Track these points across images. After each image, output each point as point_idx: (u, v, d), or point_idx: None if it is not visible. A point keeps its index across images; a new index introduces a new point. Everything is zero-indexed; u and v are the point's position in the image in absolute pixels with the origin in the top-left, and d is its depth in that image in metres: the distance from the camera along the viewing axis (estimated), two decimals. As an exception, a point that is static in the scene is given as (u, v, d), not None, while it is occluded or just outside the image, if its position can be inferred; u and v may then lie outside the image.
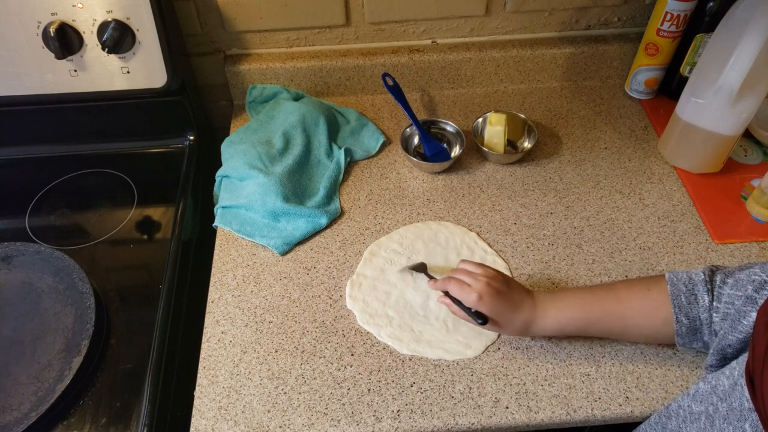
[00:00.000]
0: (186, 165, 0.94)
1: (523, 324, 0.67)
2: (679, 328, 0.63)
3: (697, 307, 0.62)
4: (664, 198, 0.88)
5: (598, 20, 1.02)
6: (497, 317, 0.66)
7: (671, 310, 0.63)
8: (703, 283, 0.62)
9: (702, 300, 0.62)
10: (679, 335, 0.63)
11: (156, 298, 0.76)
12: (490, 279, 0.67)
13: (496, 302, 0.65)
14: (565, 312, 0.67)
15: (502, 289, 0.66)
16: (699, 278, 0.63)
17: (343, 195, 0.89)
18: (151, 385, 0.68)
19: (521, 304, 0.67)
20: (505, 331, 0.68)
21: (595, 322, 0.66)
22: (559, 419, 0.65)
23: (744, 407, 0.47)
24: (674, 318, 0.63)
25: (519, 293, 0.68)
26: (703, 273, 0.63)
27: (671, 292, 0.63)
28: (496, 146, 0.92)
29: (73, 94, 0.87)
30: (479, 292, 0.65)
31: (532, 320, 0.67)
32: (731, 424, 0.48)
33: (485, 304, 0.65)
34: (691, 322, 0.62)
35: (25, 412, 0.65)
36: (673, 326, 0.63)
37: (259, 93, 1.02)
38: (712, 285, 0.62)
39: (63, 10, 0.80)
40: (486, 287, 0.66)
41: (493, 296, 0.65)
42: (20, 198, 0.90)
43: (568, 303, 0.67)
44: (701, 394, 0.54)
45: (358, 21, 0.98)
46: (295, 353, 0.71)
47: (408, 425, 0.64)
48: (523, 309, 0.67)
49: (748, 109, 0.79)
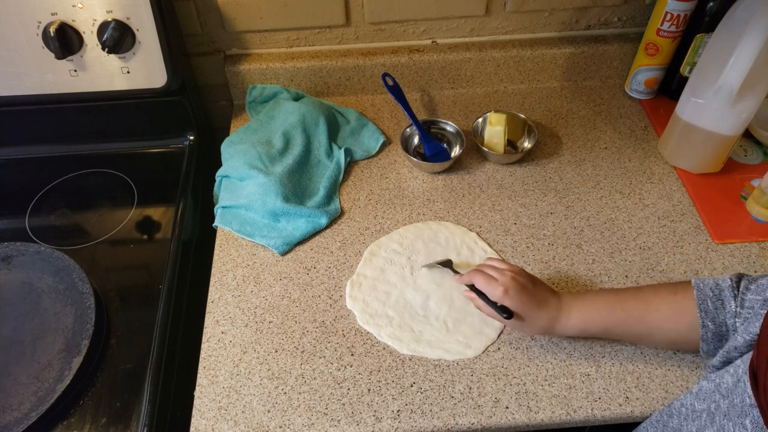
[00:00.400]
0: (186, 165, 0.94)
1: (547, 322, 0.66)
2: (704, 333, 0.62)
3: (723, 313, 0.61)
4: (664, 198, 0.88)
5: (598, 20, 1.02)
6: (522, 312, 0.65)
7: (697, 314, 0.62)
8: (729, 288, 0.62)
9: (729, 305, 0.61)
10: (704, 341, 0.63)
11: (156, 298, 0.76)
12: (516, 274, 0.67)
13: (521, 297, 0.65)
14: (590, 312, 0.66)
15: (527, 285, 0.66)
16: (726, 284, 0.62)
17: (343, 195, 0.89)
18: (151, 385, 0.68)
19: (546, 301, 0.67)
20: (528, 328, 0.68)
21: (620, 324, 0.66)
22: (559, 419, 0.65)
23: (745, 403, 0.47)
24: (700, 323, 0.62)
25: (544, 291, 0.68)
26: (730, 279, 0.63)
27: (697, 296, 0.63)
28: (496, 146, 0.92)
29: (73, 94, 0.87)
30: (505, 285, 0.65)
31: (556, 319, 0.66)
32: (731, 420, 0.48)
33: (510, 299, 0.65)
34: (717, 327, 0.62)
35: (25, 412, 0.65)
36: (698, 331, 0.62)
37: (259, 93, 1.02)
38: (738, 291, 0.61)
39: (63, 10, 0.80)
40: (512, 281, 0.66)
41: (519, 291, 0.65)
42: (20, 198, 0.90)
43: (593, 304, 0.67)
44: (704, 392, 0.54)
45: (358, 21, 0.98)
46: (295, 353, 0.71)
47: (408, 425, 0.64)
48: (547, 307, 0.66)
49: (748, 109, 0.79)
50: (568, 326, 0.66)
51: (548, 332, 0.68)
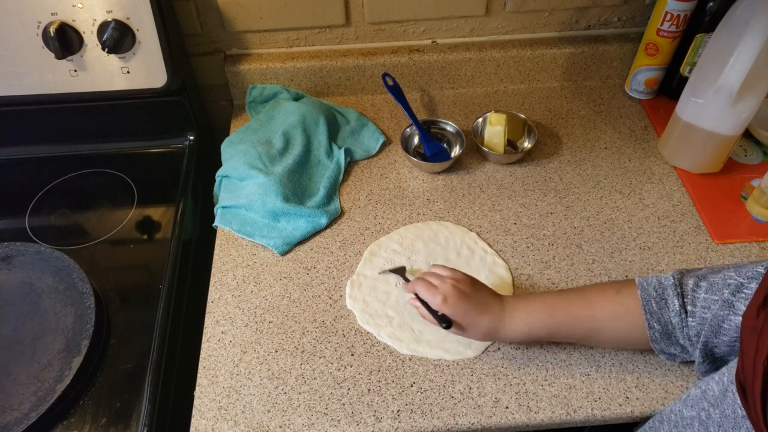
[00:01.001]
0: (186, 165, 0.94)
1: (489, 327, 0.65)
2: (652, 334, 0.62)
3: (668, 312, 0.61)
4: (664, 198, 0.88)
5: (598, 20, 1.02)
6: (461, 320, 0.65)
7: (642, 315, 0.62)
8: (672, 287, 0.61)
9: (672, 304, 0.61)
10: (653, 340, 0.63)
11: (156, 298, 0.76)
12: (456, 281, 0.66)
13: (460, 304, 0.64)
14: (533, 315, 0.65)
15: (467, 291, 0.66)
16: (668, 282, 0.62)
17: (343, 195, 0.89)
18: (151, 385, 0.68)
19: (487, 307, 0.66)
20: (470, 335, 0.67)
21: (563, 325, 0.65)
22: (559, 419, 0.65)
23: (738, 415, 0.47)
24: (646, 324, 0.62)
25: (486, 296, 0.67)
26: (672, 277, 0.62)
27: (642, 297, 0.63)
28: (496, 146, 0.92)
29: (73, 94, 0.87)
30: (444, 294, 0.65)
31: (500, 324, 0.65)
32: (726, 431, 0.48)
33: (449, 307, 0.64)
34: (663, 326, 0.62)
35: (25, 412, 0.65)
36: (645, 331, 0.62)
37: (259, 93, 1.02)
38: (682, 289, 0.61)
39: (63, 10, 0.80)
40: (451, 289, 0.65)
41: (458, 298, 0.64)
42: (20, 198, 0.90)
43: (537, 306, 0.66)
44: (692, 399, 0.53)
45: (358, 21, 0.98)
46: (295, 353, 0.71)
47: (408, 425, 0.64)
48: (489, 312, 0.65)
49: (748, 109, 0.79)
50: (512, 329, 0.65)
51: (492, 337, 0.67)
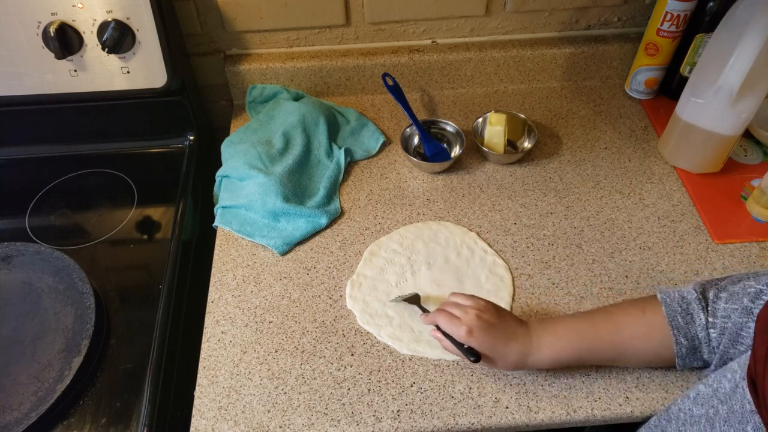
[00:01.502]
0: (186, 165, 0.94)
1: (519, 357, 0.63)
2: (678, 350, 0.62)
3: (694, 327, 0.61)
4: (664, 198, 0.88)
5: (598, 20, 1.02)
6: (490, 352, 0.63)
7: (669, 331, 0.61)
8: (696, 301, 0.61)
9: (698, 319, 0.61)
10: (679, 357, 0.62)
11: (156, 298, 0.76)
12: (480, 311, 0.64)
13: (487, 336, 0.62)
14: (562, 341, 0.64)
15: (493, 321, 0.63)
16: (692, 296, 0.62)
17: (343, 195, 0.89)
18: (151, 385, 0.68)
19: (514, 335, 0.64)
20: (500, 367, 0.65)
21: (592, 350, 0.64)
22: (559, 419, 0.65)
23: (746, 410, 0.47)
24: (673, 340, 0.61)
25: (512, 324, 0.65)
26: (695, 290, 0.62)
27: (667, 313, 0.62)
28: (496, 146, 0.92)
29: (73, 94, 0.87)
30: (469, 325, 0.62)
31: (528, 352, 0.64)
32: (732, 426, 0.48)
33: (476, 339, 0.62)
34: (690, 342, 0.61)
35: (25, 412, 0.65)
36: (672, 348, 0.62)
37: (259, 93, 1.02)
38: (705, 302, 0.61)
39: (63, 10, 0.80)
40: (476, 320, 0.62)
41: (483, 329, 0.62)
42: (20, 198, 0.90)
43: (564, 330, 0.65)
44: (702, 397, 0.53)
45: (358, 21, 0.98)
46: (295, 353, 0.71)
47: (408, 425, 0.64)
48: (516, 340, 0.63)
49: (748, 109, 0.79)
50: (540, 358, 0.64)
51: (521, 367, 0.65)
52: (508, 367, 0.66)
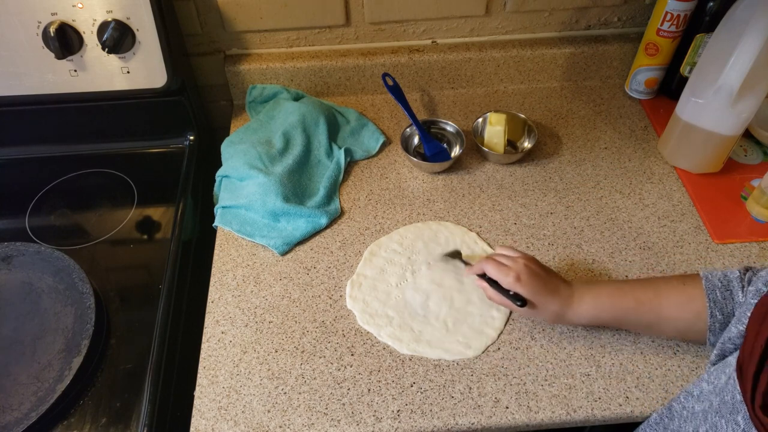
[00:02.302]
0: (186, 165, 0.94)
1: (560, 308, 0.66)
2: (712, 323, 0.63)
3: (732, 303, 0.62)
4: (664, 198, 0.88)
5: (598, 20, 1.02)
6: (534, 299, 0.66)
7: (705, 304, 0.63)
8: (737, 280, 0.62)
9: (737, 296, 0.62)
10: (711, 331, 0.63)
11: (156, 298, 0.76)
12: (528, 261, 0.67)
13: (534, 283, 0.65)
14: (601, 300, 0.67)
15: (539, 272, 0.67)
16: (734, 276, 0.63)
17: (343, 195, 0.89)
18: (151, 385, 0.68)
19: (558, 289, 0.67)
20: (541, 315, 0.68)
21: (631, 311, 0.66)
22: (559, 419, 0.65)
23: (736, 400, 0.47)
24: (708, 312, 0.62)
25: (556, 279, 0.68)
26: (738, 271, 0.63)
27: (706, 287, 0.63)
28: (496, 146, 0.92)
29: (73, 94, 0.87)
30: (518, 272, 0.66)
31: (569, 306, 0.66)
32: (723, 417, 0.48)
33: (523, 285, 0.65)
34: (726, 318, 0.62)
35: (25, 412, 0.65)
36: (706, 321, 0.63)
37: (259, 93, 1.02)
38: (745, 282, 0.62)
39: (63, 10, 0.80)
40: (525, 268, 0.66)
41: (531, 277, 0.66)
42: (20, 198, 0.90)
43: (605, 291, 0.67)
44: (704, 394, 0.54)
45: (358, 21, 0.98)
46: (295, 353, 0.71)
47: (408, 425, 0.64)
48: (559, 294, 0.67)
49: (748, 109, 0.79)
50: (580, 313, 0.67)
51: (560, 319, 0.68)
52: (548, 317, 0.68)
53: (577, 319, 0.67)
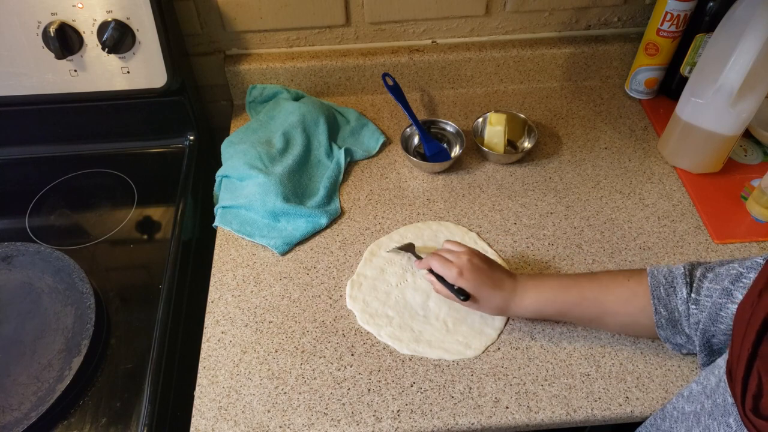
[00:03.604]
0: (186, 165, 0.94)
1: (503, 302, 0.68)
2: (658, 320, 0.64)
3: (675, 299, 0.63)
4: (664, 198, 0.88)
5: (598, 20, 1.02)
6: (476, 293, 0.68)
7: (650, 300, 0.64)
8: (682, 276, 0.63)
9: (680, 292, 0.62)
10: (659, 327, 0.64)
11: (156, 298, 0.76)
12: (471, 256, 0.69)
13: (475, 277, 0.67)
14: (545, 293, 0.68)
15: (482, 266, 0.69)
16: (679, 272, 0.64)
17: (343, 195, 0.89)
18: (151, 385, 0.68)
19: (501, 282, 0.69)
20: (484, 308, 0.70)
21: (574, 306, 0.67)
22: (559, 419, 0.65)
23: (727, 402, 0.47)
24: (653, 309, 0.63)
25: (500, 272, 0.70)
26: (683, 267, 0.64)
27: (651, 283, 0.64)
28: (496, 146, 0.92)
29: (73, 94, 0.87)
30: (460, 267, 0.68)
31: (512, 299, 0.68)
32: (716, 420, 0.48)
33: (465, 280, 0.67)
34: (670, 313, 0.63)
35: (25, 412, 0.65)
36: (651, 316, 0.64)
37: (259, 93, 1.02)
38: (691, 278, 0.63)
39: (63, 10, 0.80)
40: (467, 263, 0.68)
41: (473, 272, 0.68)
42: (20, 198, 0.90)
43: (549, 285, 0.69)
44: (694, 395, 0.54)
45: (358, 21, 0.98)
46: (295, 353, 0.71)
47: (408, 425, 0.64)
48: (503, 287, 0.68)
49: (748, 109, 0.79)
50: (524, 306, 0.68)
51: (504, 312, 0.70)
52: (491, 309, 0.70)
53: (521, 311, 0.69)
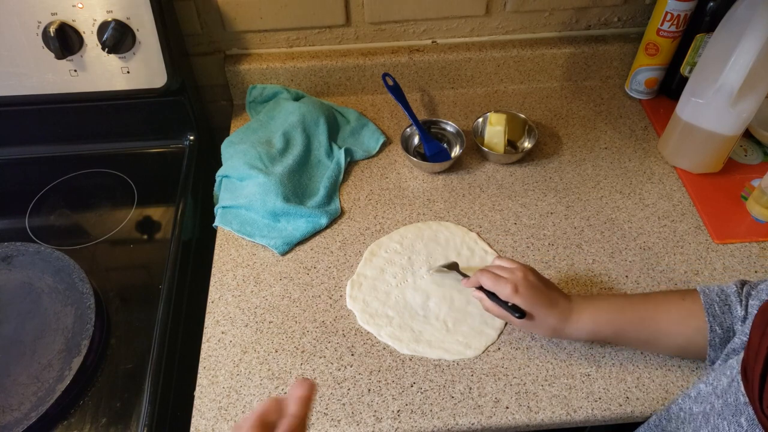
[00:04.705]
0: (186, 165, 0.94)
1: (558, 322, 0.65)
2: (712, 338, 0.62)
3: (731, 318, 0.61)
4: (664, 198, 0.88)
5: (598, 20, 1.02)
6: (532, 311, 0.64)
7: (705, 319, 0.62)
8: (735, 294, 0.62)
9: (735, 311, 0.61)
10: (711, 346, 0.62)
11: (156, 298, 0.76)
12: (526, 272, 0.66)
13: (532, 295, 0.64)
14: (601, 314, 0.65)
15: (538, 284, 0.65)
16: (731, 290, 0.63)
17: (343, 195, 0.89)
18: (151, 385, 0.68)
19: (556, 301, 0.65)
20: (539, 328, 0.66)
21: (630, 326, 0.65)
22: (559, 419, 0.65)
23: (739, 402, 0.47)
24: (708, 327, 0.61)
25: (555, 291, 0.67)
26: (735, 285, 0.63)
27: (704, 301, 0.63)
28: (496, 146, 0.92)
29: (73, 94, 0.87)
30: (515, 283, 0.64)
31: (567, 320, 0.65)
32: (725, 419, 0.48)
33: (521, 297, 0.64)
34: (725, 332, 0.61)
35: (25, 412, 0.65)
36: (706, 335, 0.62)
37: (259, 93, 1.02)
38: (742, 297, 0.61)
39: (63, 10, 0.80)
40: (523, 279, 0.65)
41: (529, 288, 0.64)
42: (20, 198, 0.90)
43: (604, 306, 0.66)
44: (702, 395, 0.54)
45: (358, 21, 0.98)
46: (295, 353, 0.71)
47: (408, 425, 0.64)
48: (558, 306, 0.65)
49: (748, 109, 0.79)
50: (579, 327, 0.65)
51: (558, 333, 0.66)
52: (546, 330, 0.66)
53: (576, 333, 0.66)
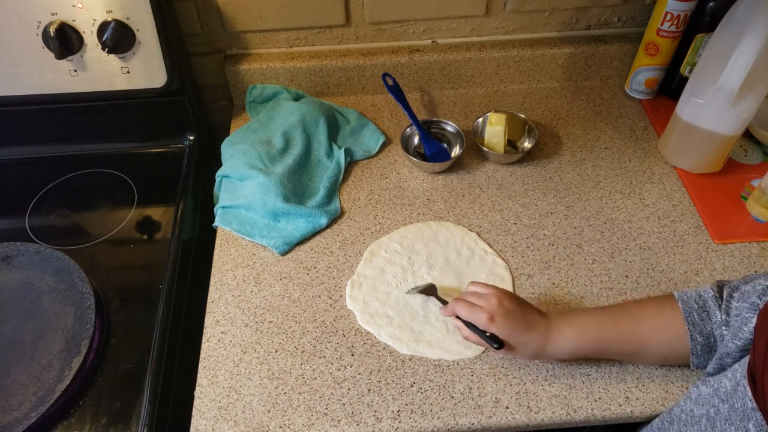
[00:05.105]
0: (186, 165, 0.94)
1: (538, 345, 0.64)
2: (693, 346, 0.61)
3: (710, 324, 0.61)
4: (664, 198, 0.88)
5: (598, 20, 1.02)
6: (510, 338, 0.63)
7: (685, 327, 0.61)
8: (713, 299, 0.62)
9: (714, 316, 0.61)
10: (694, 354, 0.62)
11: (156, 298, 0.76)
12: (500, 298, 0.64)
13: (508, 322, 0.63)
14: (582, 332, 0.64)
15: (513, 309, 0.64)
16: (708, 295, 0.62)
17: (343, 195, 0.89)
18: (151, 385, 0.68)
19: (535, 323, 0.64)
20: (520, 354, 0.66)
21: (612, 342, 0.64)
22: (559, 419, 0.65)
23: (747, 407, 0.47)
24: (688, 336, 0.61)
25: (532, 313, 0.65)
26: (711, 289, 0.62)
27: (683, 309, 0.62)
28: (496, 146, 0.92)
29: (73, 94, 0.87)
30: (490, 312, 0.63)
31: (547, 341, 0.64)
32: (733, 425, 0.48)
33: (497, 325, 0.63)
34: (706, 339, 0.61)
35: (25, 412, 0.65)
36: (687, 344, 0.62)
37: (259, 93, 1.02)
38: (721, 301, 0.61)
39: (63, 10, 0.80)
40: (497, 307, 0.63)
41: (504, 316, 0.63)
42: (20, 198, 0.90)
43: (584, 322, 0.65)
44: (703, 397, 0.53)
45: (358, 21, 0.98)
46: (295, 353, 0.71)
47: (408, 425, 0.64)
48: (536, 328, 0.64)
49: (748, 109, 0.79)
50: (560, 346, 0.64)
51: (540, 355, 0.66)
52: (527, 355, 0.66)
53: (558, 352, 0.65)
